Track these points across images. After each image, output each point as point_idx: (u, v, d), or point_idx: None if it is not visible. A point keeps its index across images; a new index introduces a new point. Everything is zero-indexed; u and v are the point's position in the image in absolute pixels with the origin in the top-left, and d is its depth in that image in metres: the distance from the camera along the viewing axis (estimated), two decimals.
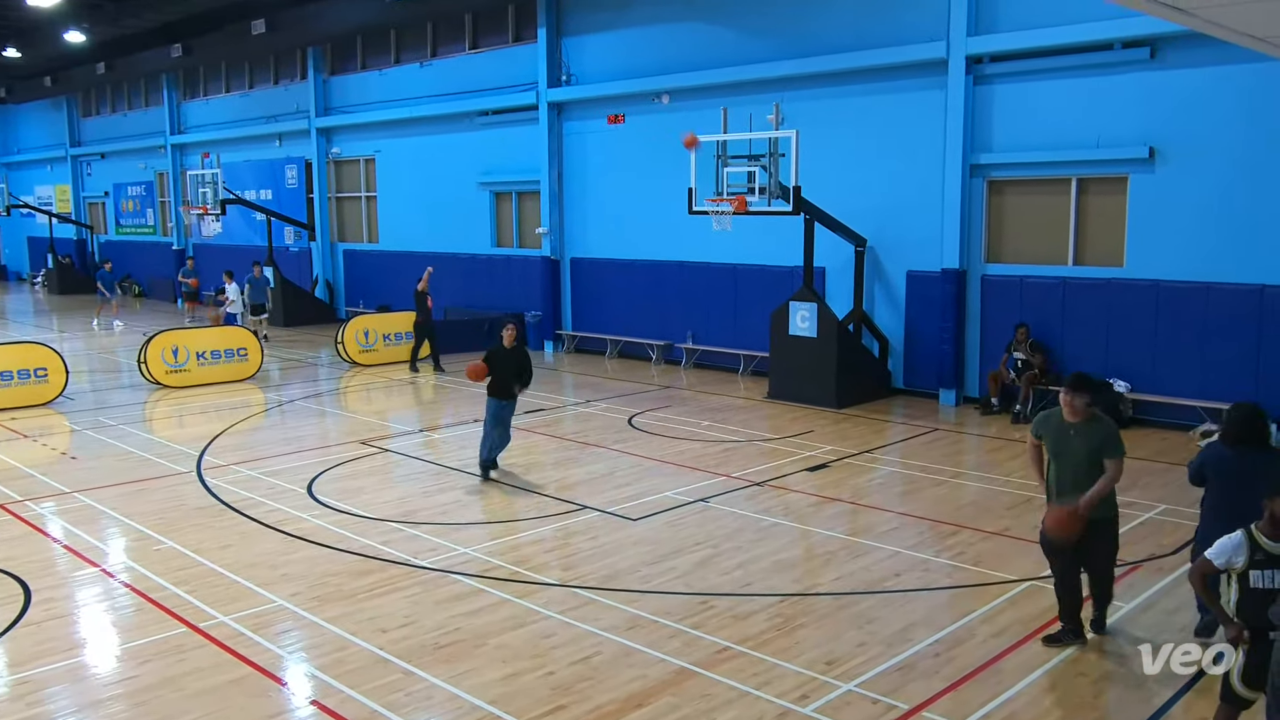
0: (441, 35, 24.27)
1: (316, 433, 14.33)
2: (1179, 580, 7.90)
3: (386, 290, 25.91)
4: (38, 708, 6.17)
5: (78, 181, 40.60)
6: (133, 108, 36.68)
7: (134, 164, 36.64)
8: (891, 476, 11.79)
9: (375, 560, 8.73)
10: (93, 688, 6.49)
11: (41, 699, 6.28)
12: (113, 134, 37.77)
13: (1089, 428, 6.70)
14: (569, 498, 10.68)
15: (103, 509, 10.37)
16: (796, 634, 7.17)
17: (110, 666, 6.83)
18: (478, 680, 6.46)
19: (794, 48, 17.14)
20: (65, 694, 6.36)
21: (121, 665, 6.82)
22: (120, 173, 37.81)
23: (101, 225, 40.00)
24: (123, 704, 6.21)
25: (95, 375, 19.34)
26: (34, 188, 42.60)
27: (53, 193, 41.63)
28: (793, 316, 15.77)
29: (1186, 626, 7.22)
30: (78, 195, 40.70)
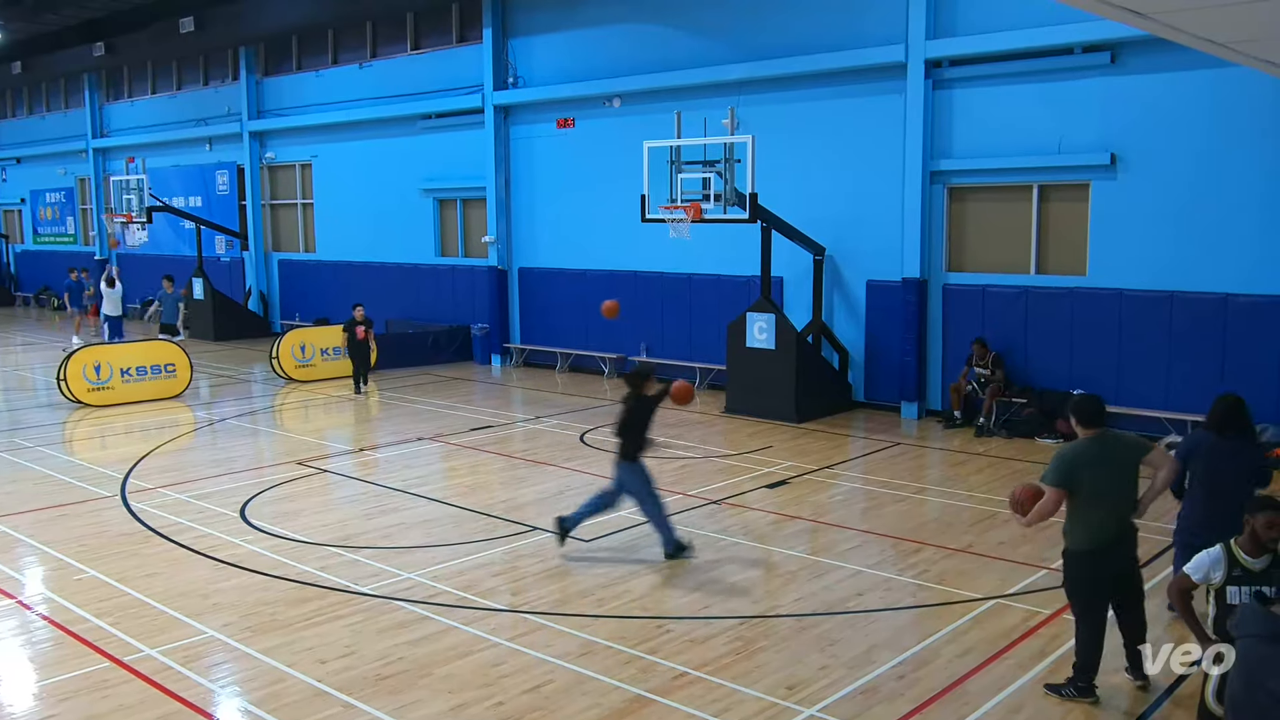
0: (382, 35, 24.16)
1: (250, 453, 14.13)
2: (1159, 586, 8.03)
3: (324, 302, 25.65)
4: None
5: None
6: (51, 109, 36.07)
7: (53, 169, 36.00)
8: (853, 493, 11.88)
9: (313, 587, 8.61)
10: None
11: None
12: (29, 137, 37.10)
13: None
14: (518, 519, 10.62)
15: (18, 536, 10.14)
16: (756, 657, 7.19)
17: (27, 705, 6.66)
18: (423, 712, 6.39)
19: (750, 50, 17.30)
20: None
21: (39, 703, 6.66)
22: (38, 178, 37.14)
23: (17, 234, 39.25)
24: None
25: (10, 394, 18.97)
26: None
27: None
28: (750, 328, 15.86)
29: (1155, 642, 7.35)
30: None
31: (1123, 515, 6.49)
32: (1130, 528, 6.59)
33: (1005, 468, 12.82)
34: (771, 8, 17.13)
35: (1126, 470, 6.48)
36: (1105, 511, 6.42)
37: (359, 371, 18.44)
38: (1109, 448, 6.48)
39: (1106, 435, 6.56)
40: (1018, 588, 8.53)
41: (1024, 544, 9.67)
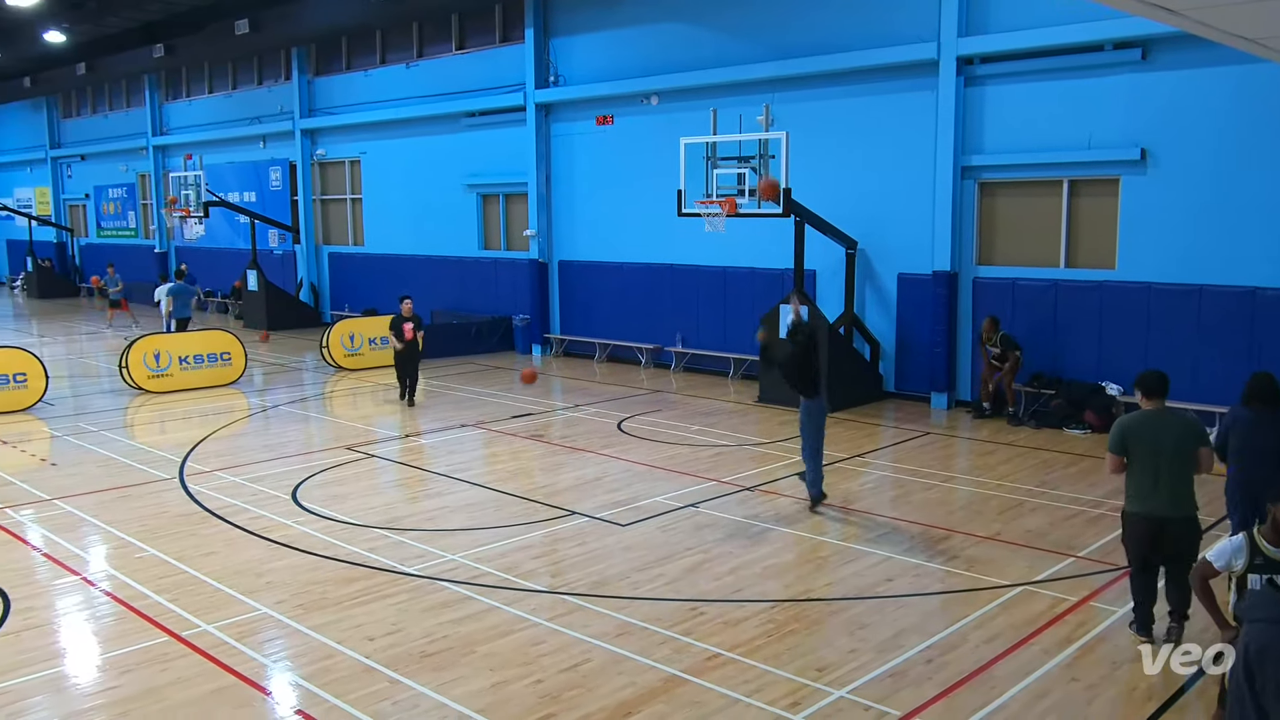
0: (428, 35, 24.25)
1: (301, 438, 14.29)
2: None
3: (372, 294, 25.85)
4: (18, 719, 6.13)
5: (58, 184, 40.44)
6: (114, 109, 36.56)
7: (115, 166, 36.52)
8: (883, 481, 11.81)
9: (361, 567, 8.70)
10: (73, 698, 6.45)
11: (21, 710, 6.24)
12: (93, 135, 37.63)
13: None
14: (558, 503, 10.66)
15: (83, 516, 10.32)
16: (787, 640, 7.17)
17: (91, 677, 6.79)
18: (465, 689, 6.45)
19: (785, 49, 17.19)
20: (45, 705, 6.32)
21: (102, 675, 6.78)
22: (101, 175, 37.68)
23: (82, 228, 39.86)
24: (103, 715, 6.18)
25: (76, 380, 19.26)
26: (13, 190, 42.40)
27: (32, 195, 41.45)
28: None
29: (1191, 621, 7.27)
30: (58, 197, 40.55)
31: (1172, 486, 6.78)
32: (1182, 500, 6.82)
33: (1033, 457, 12.68)
34: (806, 7, 17.00)
35: (1176, 445, 6.79)
36: (1151, 479, 6.78)
37: (406, 380, 16.19)
38: (1164, 421, 6.92)
39: (1164, 410, 6.97)
40: (1045, 575, 8.45)
41: (1051, 532, 9.58)
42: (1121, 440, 6.92)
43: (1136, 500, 6.89)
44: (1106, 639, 7.17)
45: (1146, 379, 7.01)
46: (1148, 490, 6.80)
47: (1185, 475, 6.82)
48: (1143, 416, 6.99)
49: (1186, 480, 6.83)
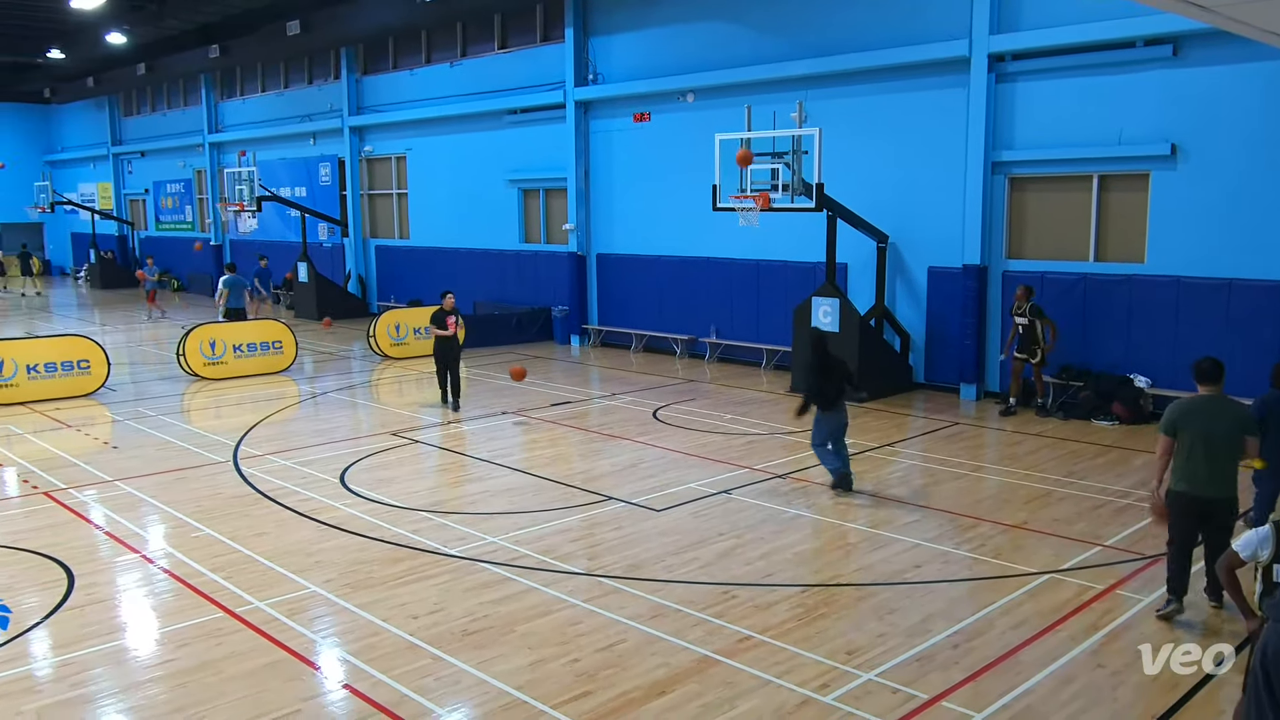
0: (471, 35, 24.33)
1: (349, 424, 14.42)
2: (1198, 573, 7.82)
3: (418, 285, 26.05)
4: (80, 689, 6.26)
5: (119, 179, 41.06)
6: (172, 107, 37.02)
7: (173, 162, 36.99)
8: (912, 469, 11.73)
9: (406, 549, 8.78)
10: (133, 670, 6.57)
11: (84, 680, 6.36)
12: (153, 133, 38.15)
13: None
14: (595, 489, 10.69)
15: (143, 497, 10.49)
16: (818, 624, 7.15)
17: (150, 650, 6.91)
18: (505, 666, 6.49)
19: (818, 46, 17.06)
20: (107, 676, 6.44)
21: (161, 649, 6.90)
22: (160, 170, 38.19)
23: (142, 222, 40.44)
24: (162, 686, 6.29)
25: (135, 367, 19.56)
26: (77, 185, 43.09)
27: (95, 190, 42.10)
28: (815, 311, 15.70)
29: (1206, 619, 7.16)
30: (119, 192, 41.16)
31: (1220, 470, 6.92)
32: (1227, 482, 6.97)
33: (1061, 448, 12.53)
34: (840, 5, 16.85)
35: (1225, 430, 6.93)
36: (1198, 461, 6.93)
37: (448, 376, 15.26)
38: (1215, 406, 7.04)
39: (1216, 396, 7.07)
40: (1071, 563, 8.35)
41: (1078, 521, 9.47)
42: (1173, 424, 7.06)
43: (1185, 481, 7.01)
44: (1132, 626, 7.09)
45: (1202, 365, 7.13)
46: (1194, 472, 6.95)
47: (1233, 460, 6.97)
48: (1197, 401, 7.11)
49: (1233, 465, 6.99)
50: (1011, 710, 5.90)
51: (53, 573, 8.22)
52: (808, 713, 5.88)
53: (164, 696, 6.15)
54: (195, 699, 6.09)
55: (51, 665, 6.61)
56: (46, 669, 6.56)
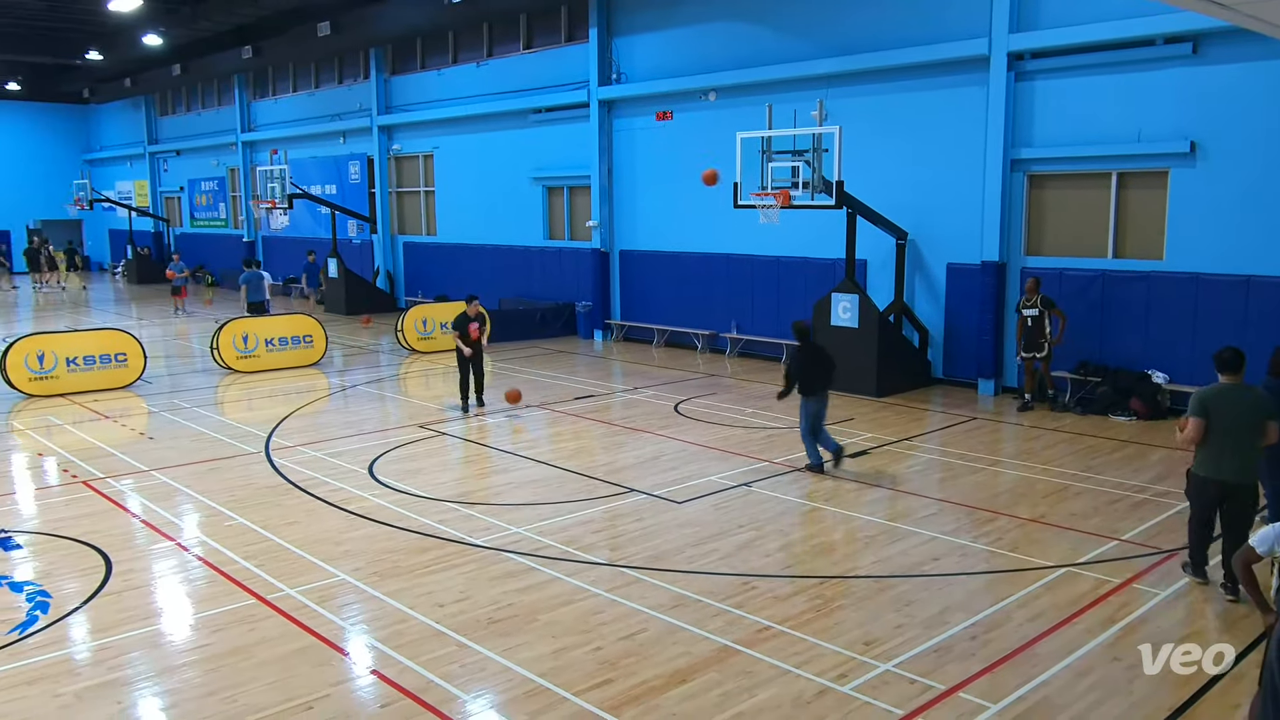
0: (497, 36, 24.36)
1: (377, 416, 14.49)
2: (1213, 569, 7.74)
3: (444, 281, 26.14)
4: (118, 672, 6.33)
5: (155, 177, 41.41)
6: (206, 107, 37.30)
7: (207, 160, 37.27)
8: (930, 463, 11.66)
9: (432, 538, 8.82)
10: (168, 654, 6.63)
11: (121, 664, 6.44)
12: (188, 132, 38.45)
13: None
14: (617, 481, 10.70)
15: (178, 486, 10.59)
16: (836, 615, 7.13)
17: (184, 635, 6.97)
18: (529, 653, 6.51)
19: (838, 45, 16.97)
20: (143, 660, 6.51)
21: (195, 634, 6.96)
22: (194, 169, 38.50)
23: (177, 218, 40.78)
24: (196, 670, 6.35)
25: (171, 360, 19.74)
26: (114, 183, 43.51)
27: (132, 188, 42.49)
28: (835, 307, 15.64)
29: (1223, 613, 7.09)
30: (155, 190, 41.52)
31: (1244, 455, 7.16)
32: (1249, 467, 7.24)
33: (1079, 443, 12.43)
34: (860, 4, 16.75)
35: (1249, 417, 7.15)
36: (1221, 447, 7.16)
37: (471, 379, 14.47)
38: (1237, 394, 7.22)
39: (1238, 384, 7.26)
40: (1088, 557, 8.29)
41: (1095, 515, 9.39)
42: (1204, 407, 7.21)
43: (1209, 466, 7.26)
44: (1149, 620, 7.02)
45: (1224, 355, 7.29)
46: (1219, 457, 7.19)
47: (1255, 445, 7.21)
48: (1222, 389, 7.27)
49: (1255, 449, 7.23)
50: (1028, 702, 5.87)
51: (91, 559, 8.32)
52: (826, 702, 5.87)
53: (198, 680, 6.22)
54: (228, 682, 6.15)
55: (90, 649, 6.69)
56: (85, 652, 6.64)
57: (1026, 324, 14.03)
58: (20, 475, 11.30)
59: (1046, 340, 13.93)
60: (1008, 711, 5.75)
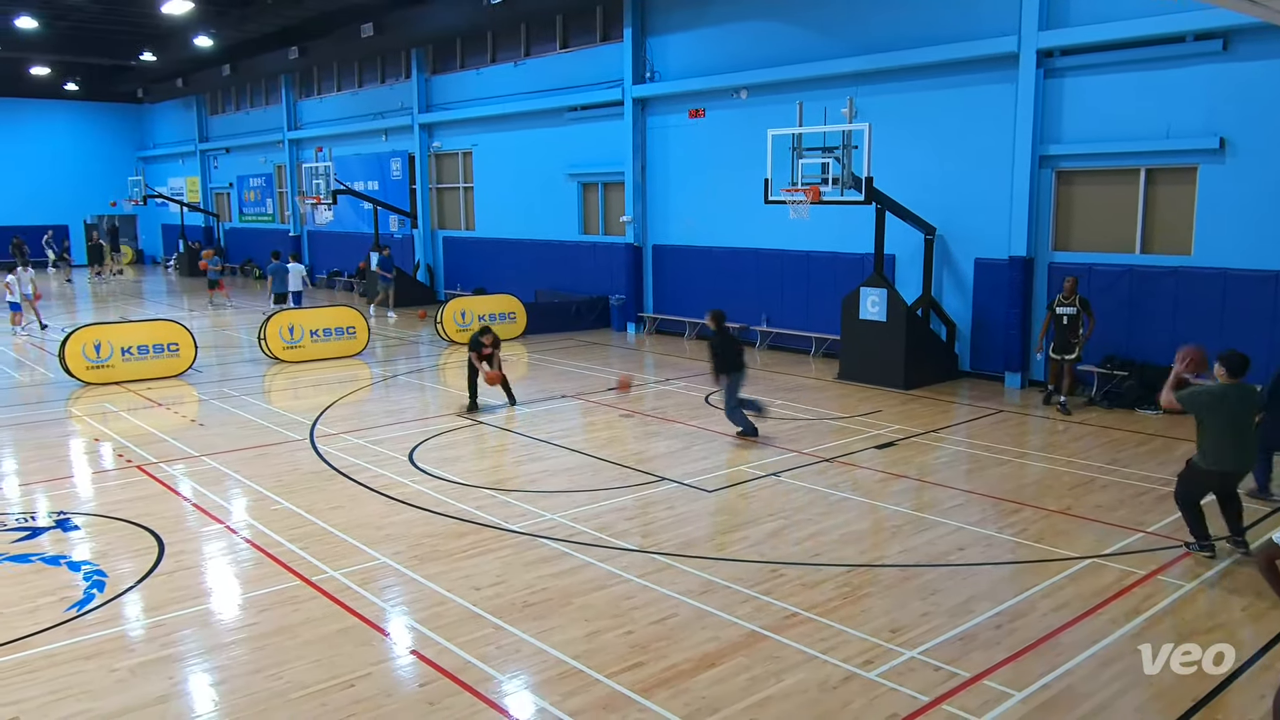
0: (534, 36, 24.39)
1: (417, 405, 14.59)
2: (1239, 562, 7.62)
3: (482, 274, 26.28)
4: (170, 649, 6.44)
5: (205, 174, 41.91)
6: (254, 106, 37.66)
7: (255, 158, 37.65)
8: (957, 455, 11.56)
9: (470, 524, 8.88)
10: (217, 632, 6.74)
11: (173, 641, 6.54)
12: (236, 130, 38.85)
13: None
14: (649, 469, 10.71)
15: (227, 471, 10.74)
16: (863, 602, 7.10)
17: (233, 614, 7.08)
18: (562, 636, 6.54)
19: (868, 44, 16.82)
20: (194, 637, 6.61)
21: (243, 613, 7.07)
22: (243, 166, 38.90)
23: (226, 214, 41.26)
24: (244, 648, 6.45)
25: (220, 350, 19.98)
26: (167, 179, 44.11)
27: (183, 184, 43.05)
28: (863, 301, 15.54)
29: (1249, 606, 6.98)
30: (205, 186, 42.02)
31: (1244, 446, 7.66)
32: (1250, 456, 7.81)
33: (1104, 436, 12.27)
34: (890, 3, 16.58)
35: (1247, 414, 7.69)
36: (1226, 445, 7.60)
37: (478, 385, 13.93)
38: (1239, 394, 7.66)
39: (1240, 387, 7.68)
40: (1114, 548, 8.18)
41: (1121, 508, 9.27)
42: (1195, 405, 7.67)
43: (1212, 459, 7.65)
44: (1174, 612, 6.93)
45: (1233, 360, 7.67)
46: (1223, 452, 7.61)
47: (1251, 435, 7.80)
48: (1224, 390, 7.65)
49: (1253, 439, 7.85)
50: (1052, 690, 5.81)
51: (145, 541, 8.46)
52: (852, 687, 5.85)
53: (245, 657, 6.31)
54: (274, 660, 6.23)
55: (143, 626, 6.80)
56: (139, 630, 6.76)
57: (1061, 322, 13.50)
58: (78, 460, 11.51)
59: (1078, 341, 13.54)
60: (1032, 699, 5.70)
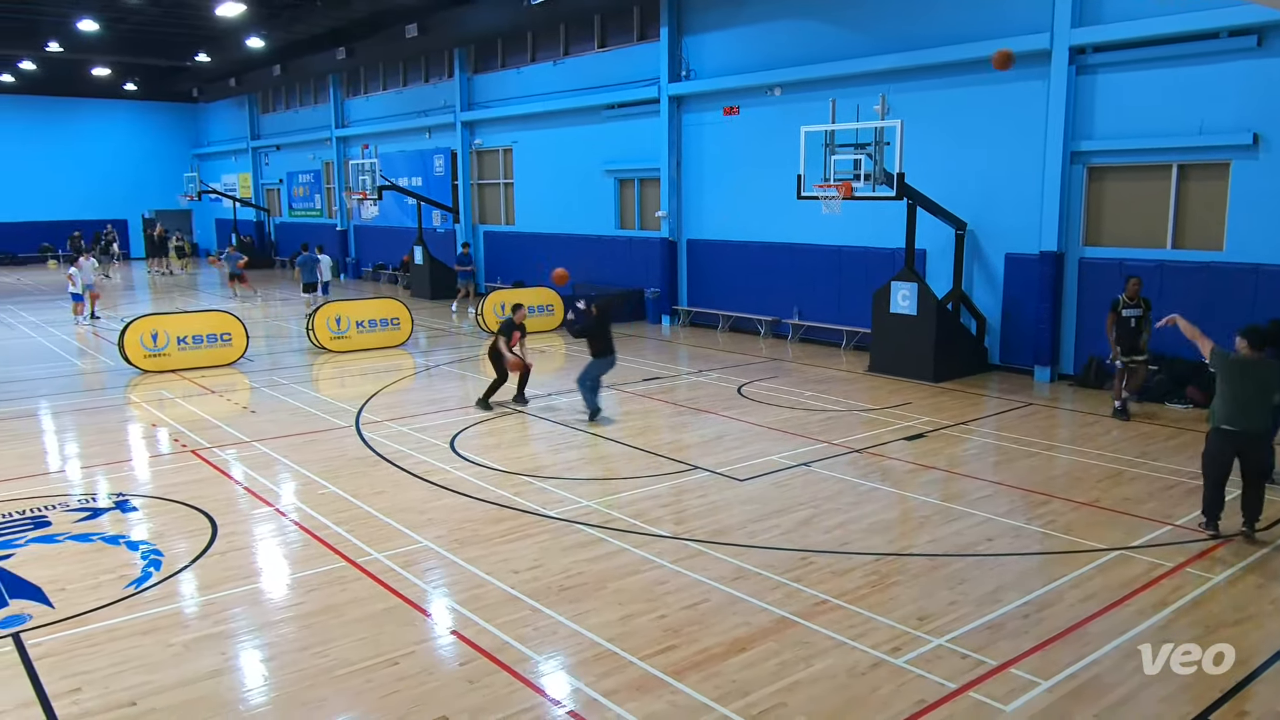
0: (573, 36, 24.38)
1: (458, 394, 14.68)
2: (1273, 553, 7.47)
3: (521, 267, 26.37)
4: (222, 625, 6.55)
5: (257, 170, 42.42)
6: (303, 105, 38.02)
7: (304, 155, 38.02)
8: (985, 447, 11.44)
9: (508, 509, 8.93)
10: (267, 610, 6.84)
11: (225, 618, 6.66)
12: (286, 128, 39.25)
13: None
14: (682, 458, 10.71)
15: (276, 456, 10.88)
16: (891, 591, 7.05)
17: (282, 593, 7.18)
18: (598, 619, 6.56)
19: (901, 41, 16.63)
20: (244, 615, 6.72)
21: (291, 592, 7.17)
22: (292, 162, 39.31)
23: (277, 209, 41.73)
24: (292, 626, 6.54)
25: (270, 340, 20.24)
26: (220, 176, 44.69)
27: (236, 180, 43.60)
28: (894, 295, 15.40)
29: (1279, 598, 6.85)
30: (257, 182, 42.53)
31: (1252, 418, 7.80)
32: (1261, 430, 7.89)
33: (1133, 429, 12.07)
34: (922, 1, 16.36)
35: (1261, 387, 7.82)
36: (1234, 409, 7.82)
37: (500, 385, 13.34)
38: (1255, 368, 7.85)
39: (1260, 359, 7.87)
40: (1142, 541, 8.06)
41: (1149, 501, 9.12)
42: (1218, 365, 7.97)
43: (1220, 417, 7.91)
44: (1202, 604, 6.81)
45: (1253, 334, 7.91)
46: (1231, 413, 7.83)
47: (1267, 404, 7.88)
48: (1245, 360, 7.88)
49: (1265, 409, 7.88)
50: (1079, 679, 5.74)
51: (199, 522, 8.60)
52: (880, 674, 5.81)
53: (293, 635, 6.40)
54: (321, 638, 6.31)
55: (197, 604, 6.92)
56: (193, 607, 6.88)
57: (1129, 325, 12.59)
58: (136, 444, 11.72)
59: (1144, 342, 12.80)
60: (1059, 688, 5.63)
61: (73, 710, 5.45)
